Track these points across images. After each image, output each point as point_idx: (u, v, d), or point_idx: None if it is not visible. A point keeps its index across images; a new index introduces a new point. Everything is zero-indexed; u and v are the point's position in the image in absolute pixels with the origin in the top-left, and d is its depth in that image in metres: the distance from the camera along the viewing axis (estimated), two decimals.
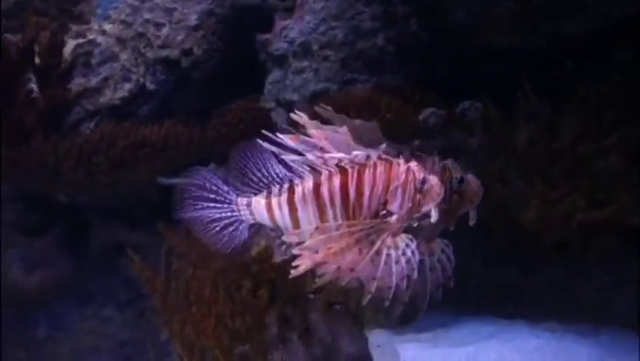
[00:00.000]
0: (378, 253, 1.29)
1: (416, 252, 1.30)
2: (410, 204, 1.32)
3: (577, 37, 3.77)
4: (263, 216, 1.40)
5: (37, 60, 2.82)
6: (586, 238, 3.14)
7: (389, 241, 1.30)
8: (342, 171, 1.31)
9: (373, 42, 3.20)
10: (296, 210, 1.35)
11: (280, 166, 1.39)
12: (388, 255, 1.29)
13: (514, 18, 3.78)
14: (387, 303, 1.33)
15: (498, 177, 3.04)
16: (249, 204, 1.42)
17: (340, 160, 1.30)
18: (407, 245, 1.30)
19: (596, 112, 3.40)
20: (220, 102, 3.26)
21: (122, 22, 3.26)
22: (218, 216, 1.45)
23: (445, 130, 3.10)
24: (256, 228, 1.48)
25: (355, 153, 1.30)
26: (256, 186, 1.43)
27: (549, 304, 3.22)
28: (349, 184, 1.31)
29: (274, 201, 1.38)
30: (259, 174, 1.42)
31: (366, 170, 1.31)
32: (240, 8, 3.31)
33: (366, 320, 2.23)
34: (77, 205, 2.92)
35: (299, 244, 1.32)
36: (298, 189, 1.35)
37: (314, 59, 3.15)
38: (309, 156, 1.30)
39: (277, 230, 1.43)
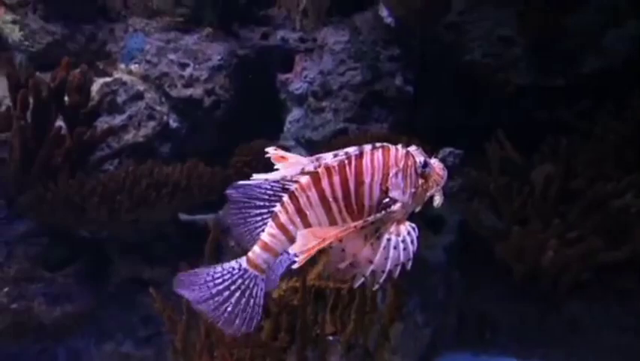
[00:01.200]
0: (379, 237, 1.26)
1: (415, 241, 1.26)
2: (413, 190, 1.28)
3: (594, 75, 3.80)
4: (281, 245, 1.31)
5: (66, 99, 2.89)
6: (604, 278, 3.10)
7: (393, 228, 1.26)
8: (339, 163, 1.26)
9: (392, 83, 3.24)
10: (305, 215, 1.28)
11: (272, 185, 1.30)
12: (389, 240, 1.26)
13: (530, 57, 3.83)
14: (375, 287, 1.29)
15: (516, 218, 3.03)
16: (263, 247, 1.32)
17: (335, 155, 1.26)
18: (409, 233, 1.27)
19: (614, 151, 3.39)
20: (241, 140, 3.30)
21: (148, 62, 3.34)
22: (227, 293, 1.34)
23: (463, 170, 3.11)
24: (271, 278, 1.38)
25: (348, 148, 1.28)
26: (261, 223, 1.34)
27: (569, 344, 3.16)
28: (348, 174, 1.26)
29: (283, 219, 1.29)
30: (257, 210, 1.33)
31: (364, 158, 1.26)
32: (262, 49, 3.38)
33: None
34: (99, 240, 2.94)
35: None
36: (299, 194, 1.27)
37: (333, 98, 3.19)
38: (302, 160, 1.25)
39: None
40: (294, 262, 1.26)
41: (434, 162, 1.31)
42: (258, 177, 1.26)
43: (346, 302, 1.97)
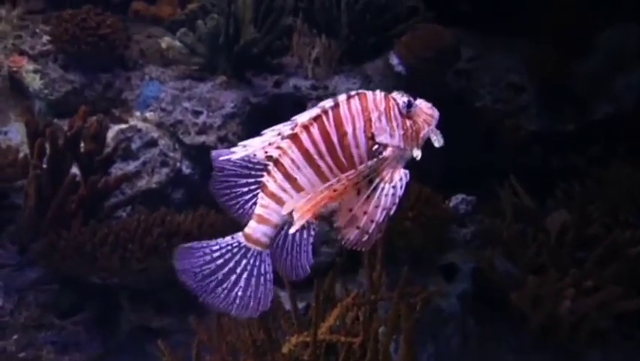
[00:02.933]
0: (375, 189, 1.19)
1: (404, 186, 1.20)
2: (402, 132, 1.21)
3: (605, 120, 3.77)
4: (277, 215, 1.22)
5: (81, 146, 2.90)
6: (624, 327, 2.99)
7: (388, 176, 1.20)
8: (316, 117, 1.19)
9: None
10: (295, 179, 1.20)
11: (255, 158, 1.23)
12: (382, 188, 1.19)
13: (541, 103, 3.81)
14: (365, 238, 1.20)
15: (531, 265, 2.95)
16: (259, 220, 1.23)
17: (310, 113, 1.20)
18: (400, 178, 1.21)
19: (629, 197, 3.32)
20: None
21: (163, 109, 3.37)
22: (234, 277, 1.25)
23: (475, 217, 3.05)
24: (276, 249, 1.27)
25: (322, 102, 1.21)
26: (248, 193, 1.27)
27: None
28: (327, 127, 1.18)
29: (272, 187, 1.22)
30: (244, 181, 1.26)
31: (340, 107, 1.19)
32: (274, 96, 3.40)
33: None
34: (109, 286, 2.90)
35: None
36: (283, 159, 1.20)
37: None
38: (279, 127, 1.20)
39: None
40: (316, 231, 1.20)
41: (420, 101, 1.24)
42: (238, 148, 1.21)
43: (358, 357, 1.89)
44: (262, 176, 1.24)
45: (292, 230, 1.20)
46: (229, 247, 1.26)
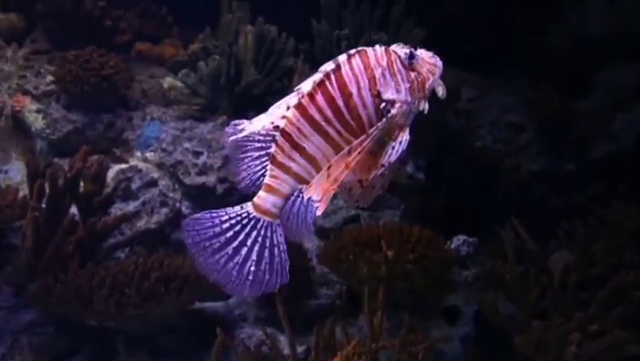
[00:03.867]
0: (385, 150, 1.16)
1: (407, 142, 1.17)
2: (408, 85, 1.17)
3: (606, 159, 3.75)
4: (287, 185, 1.19)
5: (81, 187, 2.88)
6: None
7: (396, 136, 1.16)
8: (319, 83, 1.15)
9: (403, 170, 3.20)
10: (303, 148, 1.17)
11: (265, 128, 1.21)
12: (392, 147, 1.17)
13: (541, 143, 3.80)
14: (368, 193, 1.19)
15: (534, 309, 2.88)
16: (268, 190, 1.19)
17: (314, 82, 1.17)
18: (405, 138, 1.18)
19: (632, 237, 3.27)
20: None
21: (163, 150, 3.36)
22: (245, 250, 1.20)
23: (477, 259, 3.00)
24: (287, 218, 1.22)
25: (323, 66, 1.17)
26: (260, 166, 1.23)
27: None
28: (331, 91, 1.15)
29: (280, 157, 1.18)
30: (256, 152, 1.22)
31: (342, 69, 1.15)
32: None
33: None
34: (105, 329, 2.84)
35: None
36: (289, 129, 1.17)
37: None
38: (285, 99, 1.18)
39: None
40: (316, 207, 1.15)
41: (421, 51, 1.20)
42: (246, 124, 1.19)
43: None
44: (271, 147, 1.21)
45: (319, 213, 1.16)
46: (238, 218, 1.22)
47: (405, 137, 1.17)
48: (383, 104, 1.17)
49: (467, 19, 3.59)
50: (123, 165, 3.36)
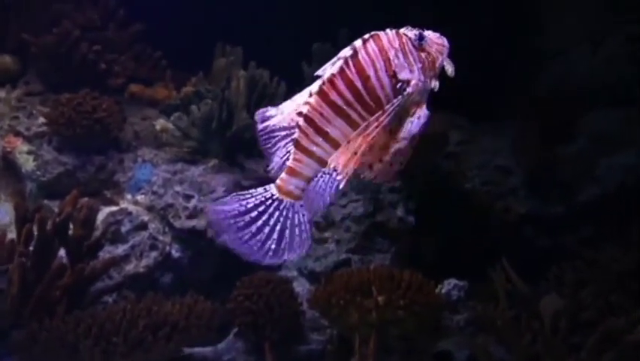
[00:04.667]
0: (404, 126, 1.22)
1: (425, 117, 1.22)
2: (420, 65, 1.23)
3: (592, 203, 3.78)
4: (310, 168, 1.24)
5: (70, 231, 2.84)
6: None
7: (413, 112, 1.22)
8: (339, 69, 1.22)
9: (393, 214, 3.21)
10: (326, 133, 1.22)
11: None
12: (410, 122, 1.22)
13: (529, 186, 3.83)
14: (388, 169, 1.23)
15: (526, 354, 2.85)
16: (290, 173, 1.25)
17: (332, 64, 1.23)
18: (423, 112, 1.24)
19: (620, 281, 3.27)
20: (243, 268, 3.22)
21: (154, 193, 3.34)
22: (268, 229, 1.26)
23: (468, 303, 2.98)
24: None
25: (341, 52, 1.23)
26: (285, 150, 1.29)
27: None
28: (350, 75, 1.21)
29: (304, 142, 1.23)
30: (283, 136, 1.28)
31: (359, 54, 1.21)
32: (266, 180, 3.38)
33: None
34: None
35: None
36: (312, 114, 1.23)
37: (336, 230, 3.15)
38: (307, 88, 1.24)
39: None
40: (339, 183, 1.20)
41: (429, 33, 1.26)
42: (274, 111, 1.26)
43: None
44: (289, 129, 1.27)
45: (342, 186, 1.21)
46: (262, 198, 1.28)
47: (423, 112, 1.23)
48: (399, 84, 1.23)
49: (457, 64, 3.66)
50: (113, 208, 3.34)
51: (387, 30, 1.25)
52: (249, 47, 3.83)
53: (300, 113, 1.25)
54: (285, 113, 1.26)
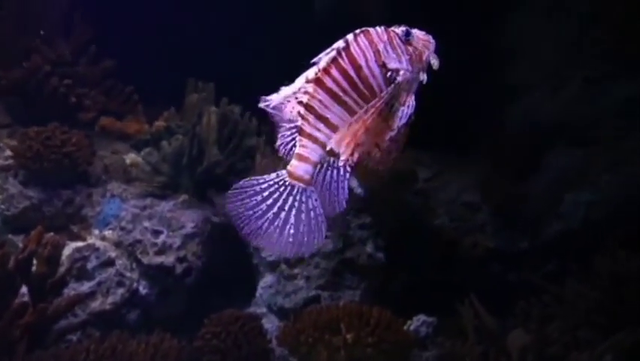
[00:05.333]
0: (394, 112, 1.31)
1: (414, 106, 1.32)
2: (408, 57, 1.32)
3: (557, 238, 3.87)
4: (315, 153, 1.33)
5: (33, 268, 2.77)
6: None
7: (404, 100, 1.32)
8: (332, 60, 1.31)
9: (363, 250, 3.22)
10: (327, 119, 1.31)
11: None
12: (401, 110, 1.31)
13: (496, 222, 3.91)
14: (386, 156, 1.32)
15: None
16: (299, 159, 1.33)
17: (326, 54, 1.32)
18: (412, 102, 1.33)
19: (586, 316, 3.33)
20: (212, 305, 3.18)
21: (122, 228, 3.30)
22: (284, 214, 1.32)
23: (437, 340, 2.99)
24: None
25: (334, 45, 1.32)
26: (290, 136, 1.37)
27: None
28: (344, 65, 1.30)
29: (307, 128, 1.32)
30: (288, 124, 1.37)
31: (350, 46, 1.31)
32: None
33: None
34: None
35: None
36: (312, 102, 1.32)
37: (305, 266, 3.15)
38: (304, 74, 1.32)
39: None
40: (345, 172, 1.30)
41: (415, 30, 1.35)
42: (272, 96, 1.33)
43: None
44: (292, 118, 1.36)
45: (341, 162, 1.30)
46: (276, 185, 1.35)
47: (412, 101, 1.33)
48: (389, 74, 1.32)
49: (422, 102, 3.75)
50: (80, 243, 3.27)
51: (377, 27, 1.35)
52: (222, 82, 3.87)
53: (300, 103, 1.34)
54: (283, 94, 1.34)
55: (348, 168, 1.32)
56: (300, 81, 1.34)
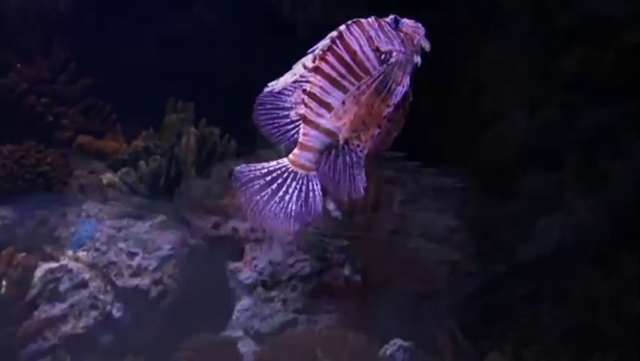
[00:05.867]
0: (392, 93, 1.36)
1: (407, 85, 1.38)
2: (399, 40, 1.38)
3: (532, 262, 3.90)
4: (318, 140, 1.37)
5: (3, 290, 2.71)
6: None
7: (399, 80, 1.37)
8: (328, 47, 1.36)
9: (340, 273, 3.21)
10: (328, 104, 1.36)
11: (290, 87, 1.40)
12: (396, 90, 1.36)
13: (474, 245, 3.92)
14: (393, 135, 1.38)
15: None
16: (301, 148, 1.38)
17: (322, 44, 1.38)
18: (406, 80, 1.38)
19: (562, 341, 3.36)
20: (188, 329, 3.12)
21: (97, 249, 3.24)
22: (290, 194, 1.38)
23: None
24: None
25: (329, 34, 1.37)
26: (289, 121, 1.42)
27: None
28: (339, 51, 1.35)
29: (310, 116, 1.37)
30: (285, 113, 1.41)
31: (343, 34, 1.36)
32: (213, 238, 3.35)
33: None
34: None
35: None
36: (314, 89, 1.37)
37: (283, 289, 3.12)
38: (301, 60, 1.37)
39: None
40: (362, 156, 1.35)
41: (404, 19, 1.41)
42: (273, 83, 1.38)
43: None
44: (295, 106, 1.41)
45: (341, 139, 1.36)
46: (279, 172, 1.40)
47: (406, 81, 1.39)
48: (383, 56, 1.38)
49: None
50: (53, 265, 3.20)
51: (369, 18, 1.42)
52: (201, 103, 3.85)
53: (304, 91, 1.38)
54: (285, 80, 1.39)
55: (361, 154, 1.38)
56: (297, 67, 1.39)
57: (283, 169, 1.39)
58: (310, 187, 1.39)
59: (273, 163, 1.40)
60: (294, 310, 3.10)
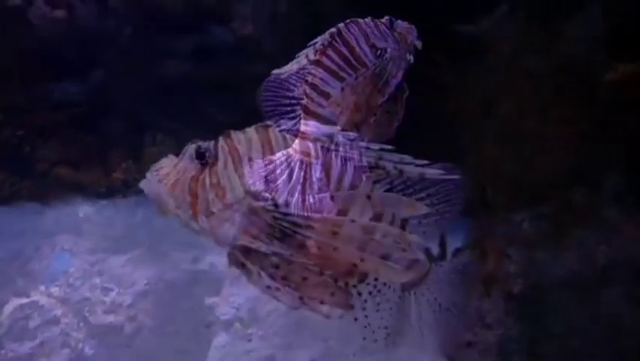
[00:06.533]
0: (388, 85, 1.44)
1: (400, 77, 1.46)
2: (394, 39, 1.46)
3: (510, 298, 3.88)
4: (318, 130, 1.43)
5: None
6: None
7: (394, 73, 1.45)
8: (327, 43, 1.43)
9: (319, 308, 3.15)
10: (328, 94, 1.42)
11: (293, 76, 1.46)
12: (391, 80, 1.44)
13: None
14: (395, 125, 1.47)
15: None
16: (302, 137, 1.42)
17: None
18: (400, 74, 1.47)
19: None
20: None
21: (70, 284, 3.15)
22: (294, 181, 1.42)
23: None
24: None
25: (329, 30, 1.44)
26: (290, 109, 1.47)
27: None
28: (338, 46, 1.43)
29: (311, 106, 1.42)
30: (287, 100, 1.47)
31: (342, 31, 1.43)
32: (190, 272, 3.28)
33: None
34: None
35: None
36: (315, 81, 1.42)
37: (260, 325, 3.05)
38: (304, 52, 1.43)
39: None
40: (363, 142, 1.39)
41: (398, 21, 1.50)
42: (277, 71, 1.43)
43: None
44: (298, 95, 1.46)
45: (339, 127, 1.41)
46: (285, 161, 1.44)
47: (400, 75, 1.48)
48: (379, 52, 1.47)
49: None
50: (23, 300, 3.10)
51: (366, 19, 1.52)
52: (182, 136, 3.82)
53: (306, 81, 1.44)
54: (290, 67, 1.45)
55: (362, 143, 1.42)
56: (301, 57, 1.45)
57: (289, 158, 1.46)
58: (314, 176, 1.44)
59: (279, 155, 1.47)
60: (272, 346, 3.03)
